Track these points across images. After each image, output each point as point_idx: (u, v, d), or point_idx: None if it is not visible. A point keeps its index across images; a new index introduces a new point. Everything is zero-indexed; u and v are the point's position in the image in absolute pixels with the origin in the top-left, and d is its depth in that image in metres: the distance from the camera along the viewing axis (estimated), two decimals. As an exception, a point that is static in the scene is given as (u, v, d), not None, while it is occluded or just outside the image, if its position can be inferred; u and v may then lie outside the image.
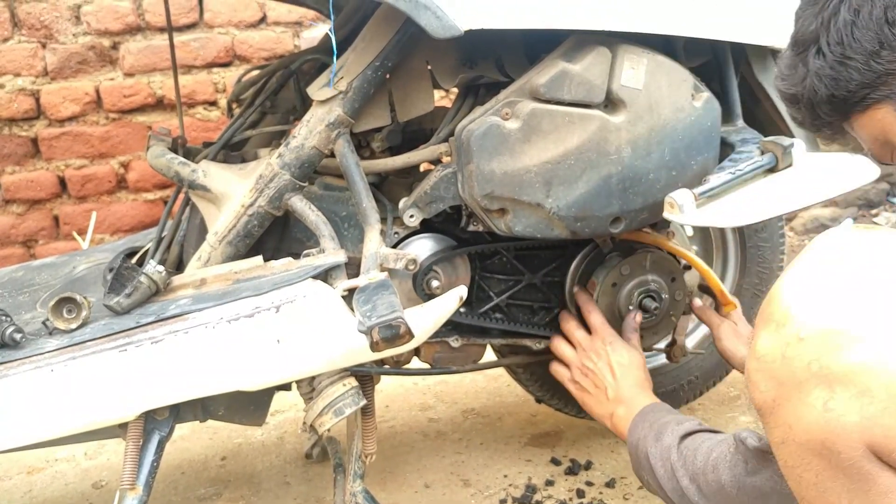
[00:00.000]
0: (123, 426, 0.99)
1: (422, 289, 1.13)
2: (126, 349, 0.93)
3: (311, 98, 1.09)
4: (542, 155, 1.02)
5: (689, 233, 1.38)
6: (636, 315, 1.21)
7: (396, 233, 1.11)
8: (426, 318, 0.97)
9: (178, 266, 1.23)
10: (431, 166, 1.14)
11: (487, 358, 1.29)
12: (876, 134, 0.70)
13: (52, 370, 0.92)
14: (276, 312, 0.95)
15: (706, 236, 1.54)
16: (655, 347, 1.31)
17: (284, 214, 1.10)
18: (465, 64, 1.13)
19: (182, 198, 1.27)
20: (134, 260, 1.28)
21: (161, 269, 1.04)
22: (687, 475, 0.91)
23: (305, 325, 0.95)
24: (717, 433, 0.95)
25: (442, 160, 1.10)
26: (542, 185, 1.03)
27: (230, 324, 0.95)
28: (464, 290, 1.00)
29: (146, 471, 0.99)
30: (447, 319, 1.00)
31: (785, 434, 0.61)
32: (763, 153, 1.02)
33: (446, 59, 1.12)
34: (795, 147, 1.01)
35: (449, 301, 0.99)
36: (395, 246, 1.11)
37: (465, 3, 0.95)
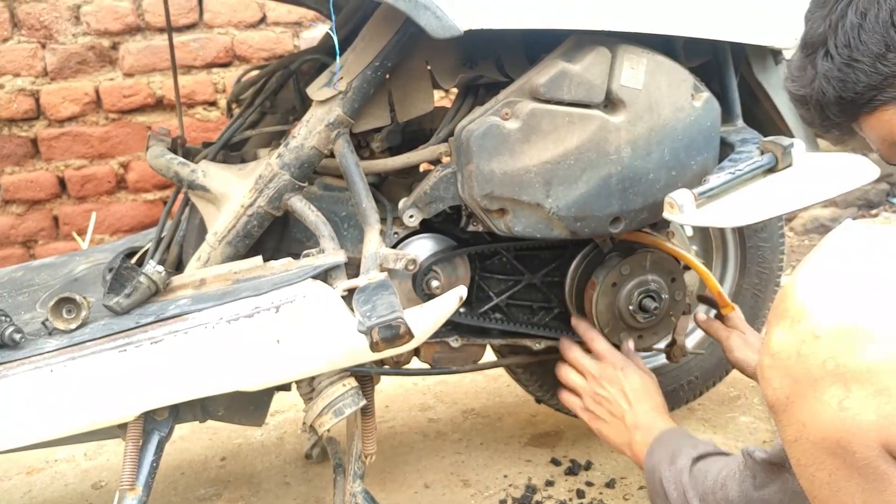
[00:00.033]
0: (123, 426, 0.99)
1: (421, 289, 1.13)
2: (126, 349, 0.93)
3: (310, 98, 1.09)
4: (541, 155, 1.02)
5: (689, 233, 1.39)
6: (629, 343, 1.21)
7: (396, 233, 1.11)
8: (426, 319, 0.97)
9: (178, 266, 1.23)
10: (431, 166, 1.14)
11: (487, 358, 1.29)
12: (884, 135, 0.70)
13: (52, 370, 0.92)
14: (276, 312, 0.95)
15: (706, 236, 1.54)
16: (655, 347, 1.31)
17: (284, 215, 1.10)
18: (465, 64, 1.13)
19: (181, 198, 1.27)
20: (133, 260, 1.28)
21: (160, 269, 1.03)
22: (697, 496, 0.90)
23: (305, 325, 0.95)
24: (730, 455, 0.94)
25: (441, 160, 1.10)
26: (541, 186, 1.03)
27: (230, 324, 0.95)
28: (463, 291, 1.00)
29: (146, 471, 0.99)
30: (447, 319, 1.00)
31: (798, 432, 0.61)
32: (763, 153, 1.02)
33: (446, 59, 1.12)
34: (795, 147, 1.01)
35: (449, 301, 0.99)
36: (394, 246, 1.11)
37: (464, 3, 0.95)
